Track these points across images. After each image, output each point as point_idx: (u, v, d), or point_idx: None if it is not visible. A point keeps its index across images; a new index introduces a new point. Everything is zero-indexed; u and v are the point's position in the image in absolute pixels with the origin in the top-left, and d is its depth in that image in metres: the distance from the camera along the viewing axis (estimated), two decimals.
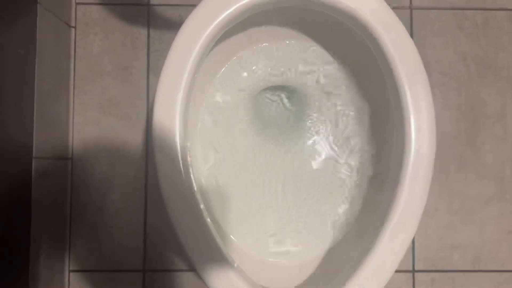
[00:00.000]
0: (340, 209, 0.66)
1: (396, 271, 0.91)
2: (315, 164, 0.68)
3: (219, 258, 0.52)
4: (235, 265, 0.52)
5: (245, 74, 0.68)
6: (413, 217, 0.50)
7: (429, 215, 0.92)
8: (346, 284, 0.50)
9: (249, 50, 0.68)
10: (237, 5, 0.53)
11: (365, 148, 0.66)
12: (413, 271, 0.92)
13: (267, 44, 0.67)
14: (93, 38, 0.93)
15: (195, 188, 0.53)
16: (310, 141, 0.68)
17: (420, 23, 0.94)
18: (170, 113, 0.52)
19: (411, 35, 0.94)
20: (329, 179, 0.67)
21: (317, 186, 0.67)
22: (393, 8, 0.94)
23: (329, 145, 0.68)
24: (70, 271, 0.91)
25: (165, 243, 0.91)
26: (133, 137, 0.92)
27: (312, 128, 0.69)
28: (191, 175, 0.52)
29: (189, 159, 0.54)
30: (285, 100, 0.74)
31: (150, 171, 0.92)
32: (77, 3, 0.93)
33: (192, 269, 0.55)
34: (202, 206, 0.52)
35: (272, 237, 0.67)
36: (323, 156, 0.68)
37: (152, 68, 0.92)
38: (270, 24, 0.66)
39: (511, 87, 0.94)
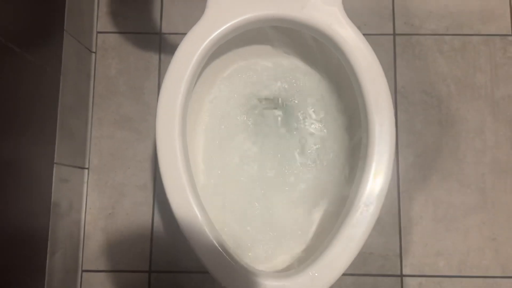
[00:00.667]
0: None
1: (385, 276, 0.98)
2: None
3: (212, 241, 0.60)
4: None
5: (240, 85, 0.79)
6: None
7: (414, 223, 0.99)
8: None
9: (241, 65, 0.79)
10: (228, 24, 0.64)
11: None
12: (401, 275, 0.98)
13: (257, 60, 0.78)
14: (111, 62, 1.05)
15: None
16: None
17: (403, 47, 1.05)
18: (171, 115, 0.62)
19: (394, 58, 1.04)
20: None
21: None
22: (378, 35, 1.06)
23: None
24: (82, 270, 0.99)
25: (170, 246, 0.99)
26: (144, 149, 1.02)
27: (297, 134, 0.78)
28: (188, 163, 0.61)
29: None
30: (276, 113, 0.84)
31: (158, 179, 1.01)
32: (98, 32, 1.06)
33: (194, 256, 0.63)
34: (195, 193, 0.61)
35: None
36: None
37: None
38: (262, 43, 0.77)
39: (489, 104, 1.02)
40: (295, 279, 0.59)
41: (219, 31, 0.63)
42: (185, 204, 0.60)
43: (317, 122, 0.78)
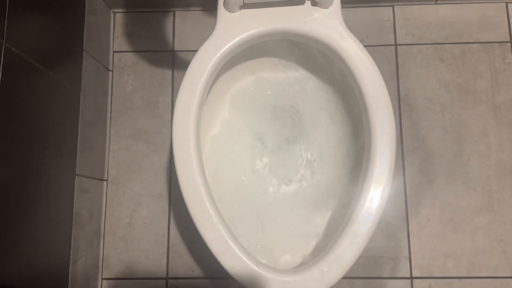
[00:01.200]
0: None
1: (395, 278, 1.00)
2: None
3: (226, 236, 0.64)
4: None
5: (249, 95, 0.84)
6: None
7: (422, 225, 1.02)
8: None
9: (250, 77, 0.84)
10: (237, 38, 0.69)
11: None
12: (411, 277, 1.00)
13: (265, 72, 0.83)
14: (127, 79, 1.11)
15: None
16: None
17: (405, 57, 1.09)
18: (186, 123, 0.66)
19: (397, 68, 1.08)
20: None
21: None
22: (381, 46, 1.10)
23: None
24: (102, 278, 1.03)
25: (186, 254, 1.03)
26: (159, 160, 1.07)
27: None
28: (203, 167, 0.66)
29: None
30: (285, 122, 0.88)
31: (173, 189, 1.06)
32: (114, 51, 1.12)
33: (208, 252, 0.66)
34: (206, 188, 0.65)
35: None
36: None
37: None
38: (270, 55, 0.82)
39: (491, 109, 1.06)
40: (305, 274, 0.62)
41: (229, 45, 0.69)
42: (200, 205, 0.64)
43: (323, 129, 0.82)
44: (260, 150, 0.85)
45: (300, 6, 0.71)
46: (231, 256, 0.63)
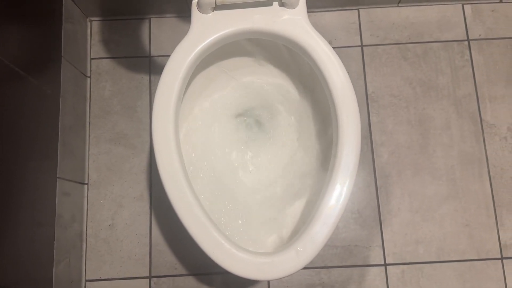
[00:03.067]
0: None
1: (370, 265, 1.05)
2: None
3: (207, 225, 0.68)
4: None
5: (221, 93, 0.89)
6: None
7: (393, 215, 1.07)
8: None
9: (223, 76, 0.88)
10: (211, 38, 0.74)
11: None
12: (385, 264, 1.05)
13: (237, 71, 0.88)
14: (105, 85, 1.14)
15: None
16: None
17: (370, 57, 1.15)
18: (165, 114, 0.70)
19: (363, 67, 1.14)
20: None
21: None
22: (348, 47, 1.16)
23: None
24: (86, 280, 1.05)
25: (168, 252, 1.06)
26: (139, 163, 1.10)
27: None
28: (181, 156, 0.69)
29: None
30: (255, 118, 0.93)
31: (154, 190, 1.09)
32: (91, 58, 1.15)
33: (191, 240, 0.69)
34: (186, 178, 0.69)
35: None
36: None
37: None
38: (242, 55, 0.87)
39: (453, 103, 1.13)
40: (282, 255, 0.66)
41: (203, 44, 0.73)
42: (182, 195, 0.68)
43: (294, 121, 0.87)
44: (237, 141, 0.89)
45: (269, 7, 0.76)
46: (211, 241, 0.66)
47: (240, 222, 0.83)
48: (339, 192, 0.67)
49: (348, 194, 0.67)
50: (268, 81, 0.89)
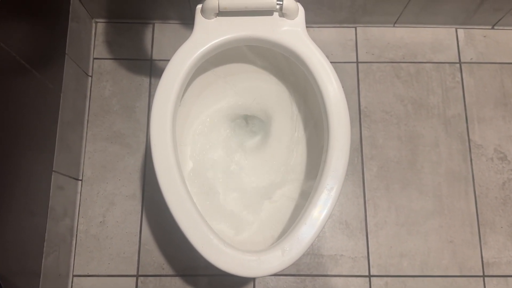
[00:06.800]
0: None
1: (354, 276, 1.07)
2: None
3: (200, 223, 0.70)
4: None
5: (220, 97, 0.92)
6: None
7: (380, 227, 1.09)
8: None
9: (221, 81, 0.92)
10: (212, 42, 0.77)
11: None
12: (369, 276, 1.07)
13: (235, 76, 0.91)
14: (105, 85, 1.16)
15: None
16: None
17: (365, 73, 1.19)
18: (163, 115, 0.73)
19: (358, 83, 1.18)
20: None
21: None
22: (344, 63, 1.20)
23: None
24: (73, 275, 1.06)
25: (157, 252, 1.07)
26: (134, 162, 1.12)
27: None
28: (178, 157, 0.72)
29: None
30: (252, 123, 0.96)
31: (147, 190, 1.10)
32: (94, 58, 1.18)
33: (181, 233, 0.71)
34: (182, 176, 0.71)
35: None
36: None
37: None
38: (240, 61, 0.90)
39: (442, 122, 1.16)
40: (269, 253, 0.68)
41: (205, 47, 0.76)
42: (176, 192, 0.70)
43: (287, 127, 0.90)
44: (232, 148, 0.92)
45: (269, 17, 0.79)
46: (201, 236, 0.68)
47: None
48: (327, 196, 0.70)
49: (336, 198, 0.69)
50: (264, 87, 0.92)
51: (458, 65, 1.20)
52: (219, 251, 0.68)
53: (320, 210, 0.70)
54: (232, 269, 0.67)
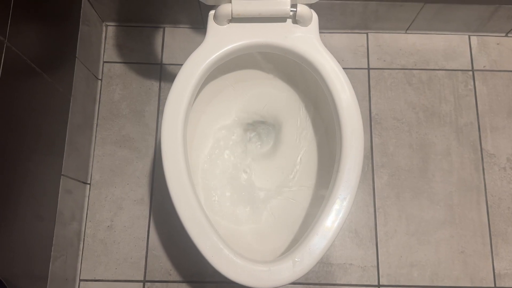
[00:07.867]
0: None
1: (363, 286, 1.05)
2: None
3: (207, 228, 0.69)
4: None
5: (231, 104, 0.91)
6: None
7: (390, 236, 1.08)
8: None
9: (233, 87, 0.91)
10: (225, 48, 0.76)
11: None
12: (379, 286, 1.06)
13: (246, 83, 0.90)
14: (115, 88, 1.16)
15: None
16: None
17: (376, 80, 1.18)
18: (175, 119, 0.72)
19: (369, 89, 1.17)
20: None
21: None
22: (355, 69, 1.19)
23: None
24: (80, 280, 1.05)
25: (164, 258, 1.06)
26: (142, 166, 1.11)
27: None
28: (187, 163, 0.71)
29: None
30: (263, 130, 0.95)
31: (155, 194, 1.10)
32: (104, 61, 1.18)
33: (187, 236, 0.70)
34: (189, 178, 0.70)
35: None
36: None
37: (161, 112, 1.14)
38: (252, 67, 0.90)
39: (454, 130, 1.15)
40: (279, 264, 0.67)
41: (218, 53, 0.75)
42: (187, 202, 0.69)
43: (298, 134, 0.89)
44: (243, 157, 0.91)
45: (282, 23, 0.78)
46: (211, 246, 0.67)
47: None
48: (340, 206, 0.69)
49: (349, 208, 0.68)
50: (275, 93, 0.91)
51: (471, 72, 1.19)
52: (229, 261, 0.67)
53: (332, 220, 0.68)
54: (242, 279, 0.66)
